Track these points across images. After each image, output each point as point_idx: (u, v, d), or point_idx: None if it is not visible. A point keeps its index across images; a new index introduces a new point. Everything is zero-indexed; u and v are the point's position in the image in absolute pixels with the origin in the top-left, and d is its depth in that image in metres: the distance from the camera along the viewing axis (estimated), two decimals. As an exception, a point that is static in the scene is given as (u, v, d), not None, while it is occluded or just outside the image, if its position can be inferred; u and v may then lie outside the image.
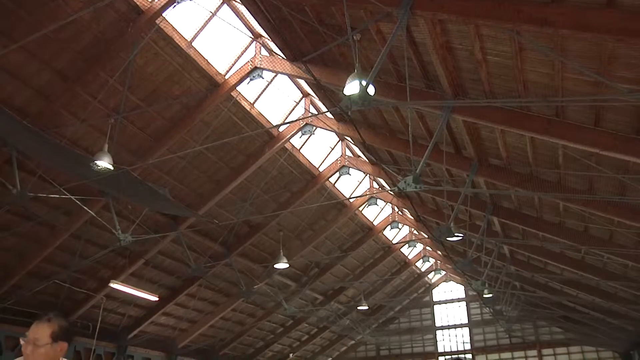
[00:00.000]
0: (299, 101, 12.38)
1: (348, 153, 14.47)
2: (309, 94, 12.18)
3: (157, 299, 13.94)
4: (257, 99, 11.45)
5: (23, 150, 8.81)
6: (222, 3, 9.32)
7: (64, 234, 11.26)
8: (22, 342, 3.01)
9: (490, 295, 16.84)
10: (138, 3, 8.23)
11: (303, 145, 13.51)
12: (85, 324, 13.76)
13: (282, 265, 13.80)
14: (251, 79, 10.23)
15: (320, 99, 11.45)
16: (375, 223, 17.99)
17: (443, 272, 24.70)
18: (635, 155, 6.44)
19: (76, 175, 9.24)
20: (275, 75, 11.15)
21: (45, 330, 3.06)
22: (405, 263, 21.82)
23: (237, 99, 10.75)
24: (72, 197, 9.69)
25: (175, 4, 8.27)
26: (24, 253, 11.35)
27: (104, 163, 7.95)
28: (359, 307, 19.58)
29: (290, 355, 23.02)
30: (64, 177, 9.79)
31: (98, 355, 14.50)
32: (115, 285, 12.39)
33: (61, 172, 9.72)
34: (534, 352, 23.21)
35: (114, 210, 10.49)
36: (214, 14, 9.35)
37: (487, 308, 20.78)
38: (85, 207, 10.23)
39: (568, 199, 9.00)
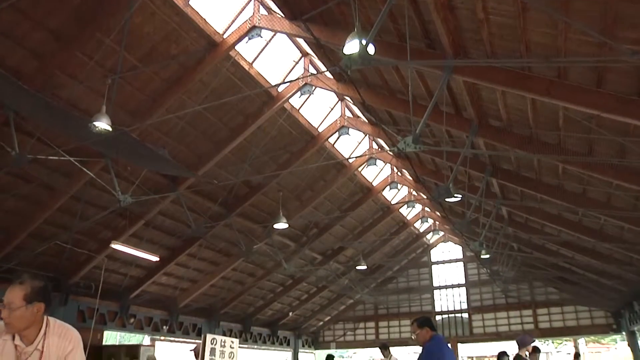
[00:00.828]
0: (298, 61, 12.24)
1: (347, 113, 14.38)
2: (308, 54, 12.02)
3: (157, 259, 14.07)
4: (255, 58, 11.31)
5: (20, 112, 8.74)
6: (220, -41, 9.12)
7: (64, 196, 11.29)
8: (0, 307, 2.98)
9: (487, 256, 17.01)
10: (133, -40, 8.03)
11: (302, 105, 13.43)
12: (88, 284, 13.95)
13: (281, 225, 13.89)
14: (250, 38, 10.06)
15: (319, 59, 11.31)
16: (374, 184, 18.03)
17: (441, 233, 24.87)
18: (637, 117, 6.40)
19: (75, 137, 9.20)
20: (274, 35, 10.97)
21: (18, 293, 3.03)
22: (404, 224, 21.96)
23: (236, 58, 10.61)
24: (71, 158, 9.67)
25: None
26: (25, 215, 11.41)
27: (102, 124, 7.89)
28: (358, 267, 19.79)
29: (290, 314, 23.40)
30: (62, 139, 9.74)
31: (101, 315, 14.75)
32: (116, 246, 12.49)
33: (60, 134, 9.67)
34: (529, 312, 23.58)
35: (113, 171, 10.49)
36: (211, -29, 9.15)
37: (484, 269, 21.04)
38: (84, 169, 10.21)
39: (567, 161, 9.00)
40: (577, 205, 10.87)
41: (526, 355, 8.64)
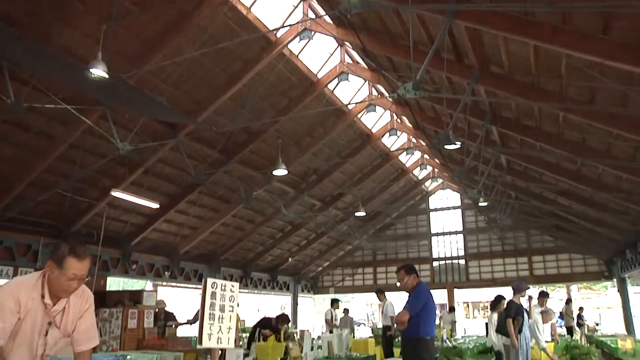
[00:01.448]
0: (297, 5, 11.95)
1: (347, 59, 14.17)
2: (307, -3, 11.75)
3: (157, 206, 14.15)
4: (253, 2, 11.03)
5: (14, 59, 8.58)
6: None
7: (63, 144, 11.23)
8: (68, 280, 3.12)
9: (485, 203, 17.12)
10: None
11: (301, 51, 13.20)
12: (90, 232, 14.09)
13: (280, 171, 13.88)
14: (247, -19, 9.81)
15: (319, 3, 11.06)
16: (373, 130, 17.94)
17: (440, 180, 24.98)
18: (641, 65, 6.31)
19: (71, 85, 9.08)
20: (272, -23, 10.69)
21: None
22: (403, 171, 22.00)
23: (233, 2, 10.35)
24: (67, 106, 9.57)
25: None
26: (24, 164, 11.39)
27: (99, 71, 7.76)
28: (357, 214, 19.92)
29: (290, 259, 23.76)
30: (59, 86, 9.60)
31: (104, 261, 14.98)
32: (116, 194, 12.54)
33: (56, 81, 9.53)
34: (524, 259, 23.97)
35: (112, 119, 10.39)
36: None
37: (482, 216, 21.22)
38: (82, 117, 10.13)
39: (568, 110, 8.92)
40: (577, 154, 10.86)
41: (520, 301, 8.80)
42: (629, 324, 20.49)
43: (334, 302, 14.97)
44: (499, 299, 9.92)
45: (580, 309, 19.60)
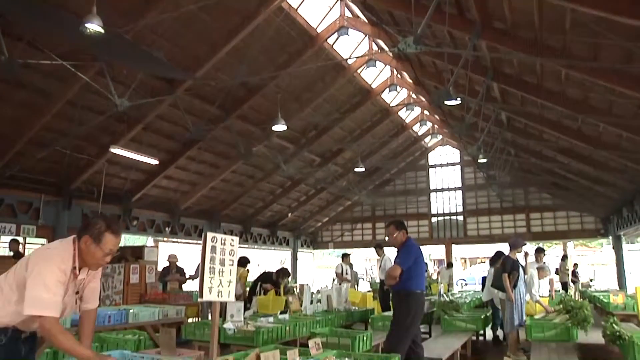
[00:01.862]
0: (297, -44, 11.66)
1: (347, 13, 13.92)
2: (306, -51, 11.44)
3: (157, 162, 14.15)
4: (251, -47, 10.77)
5: (6, 14, 8.38)
6: None
7: (60, 101, 11.14)
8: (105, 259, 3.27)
9: (484, 160, 17.12)
10: None
11: (300, 5, 12.94)
12: (90, 189, 14.14)
13: (280, 127, 13.81)
14: None
15: (318, -45, 10.76)
16: (373, 86, 17.77)
17: (439, 137, 24.89)
18: (648, 21, 6.17)
19: (66, 40, 8.91)
20: None
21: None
22: (403, 127, 21.92)
23: (230, -47, 10.10)
24: (64, 62, 9.43)
25: None
26: (22, 121, 11.32)
27: (94, 26, 7.60)
28: (356, 169, 19.95)
29: (289, 215, 23.92)
30: (54, 42, 9.44)
31: (105, 218, 15.08)
32: (115, 150, 12.51)
33: (51, 37, 9.35)
34: (522, 216, 24.15)
35: (109, 75, 10.26)
36: None
37: (481, 173, 21.25)
38: (78, 73, 10.00)
39: (571, 66, 8.80)
40: (578, 112, 10.78)
41: (516, 257, 8.89)
42: (622, 280, 20.88)
43: (345, 257, 15.16)
44: (499, 254, 10.03)
45: (575, 265, 19.89)
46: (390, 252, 13.99)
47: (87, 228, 3.18)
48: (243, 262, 11.59)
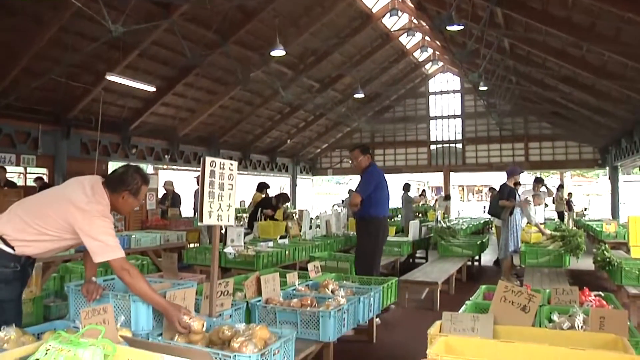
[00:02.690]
0: None
1: None
2: None
3: (154, 89, 13.97)
4: None
5: None
6: None
7: (53, 28, 10.82)
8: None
9: (485, 88, 16.96)
10: None
11: None
12: (88, 118, 14.05)
13: (278, 52, 13.54)
14: None
15: None
16: (373, 10, 17.27)
17: (440, 63, 24.51)
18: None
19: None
20: None
21: None
22: (403, 52, 21.53)
23: None
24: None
25: None
26: (14, 49, 11.04)
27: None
28: (355, 95, 19.78)
29: (288, 141, 23.92)
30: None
31: (104, 146, 15.07)
32: (111, 78, 12.31)
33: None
34: (521, 145, 24.18)
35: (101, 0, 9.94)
36: None
37: (481, 100, 21.09)
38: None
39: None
40: (583, 40, 10.56)
41: (514, 185, 9.00)
42: (615, 210, 21.22)
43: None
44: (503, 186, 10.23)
45: (569, 194, 20.11)
46: (389, 179, 14.14)
47: (126, 183, 3.34)
48: (262, 187, 11.92)
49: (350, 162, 27.42)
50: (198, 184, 8.47)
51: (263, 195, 11.89)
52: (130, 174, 3.36)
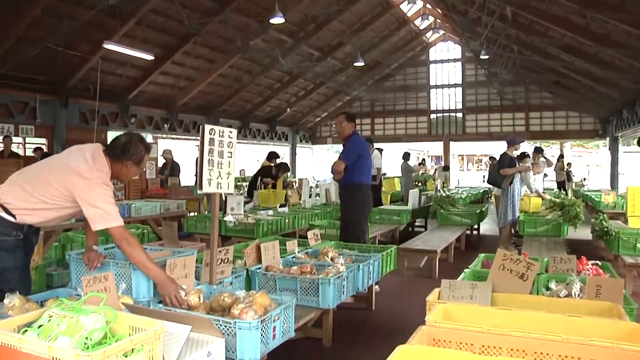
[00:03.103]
0: None
1: None
2: None
3: (152, 58, 13.82)
4: None
5: None
6: None
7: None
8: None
9: (486, 56, 16.80)
10: None
11: None
12: (86, 87, 13.94)
13: (277, 19, 13.36)
14: None
15: None
16: (375, -23, 17.03)
17: (441, 32, 24.20)
18: None
19: None
20: None
21: None
22: (404, 20, 21.26)
23: None
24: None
25: None
26: (8, 17, 10.79)
27: None
28: (355, 64, 19.60)
29: (288, 110, 23.80)
30: None
31: (103, 116, 15.00)
32: (109, 46, 12.15)
33: None
34: (521, 115, 24.06)
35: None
36: None
37: (482, 69, 20.92)
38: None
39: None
40: (587, 8, 10.41)
41: (513, 154, 8.98)
42: (614, 181, 21.25)
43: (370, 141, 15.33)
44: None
45: (569, 164, 20.10)
46: (389, 147, 14.12)
47: (129, 152, 3.34)
48: (272, 156, 12.00)
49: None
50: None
51: (272, 164, 11.96)
52: (134, 143, 3.35)
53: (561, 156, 19.23)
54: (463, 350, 2.36)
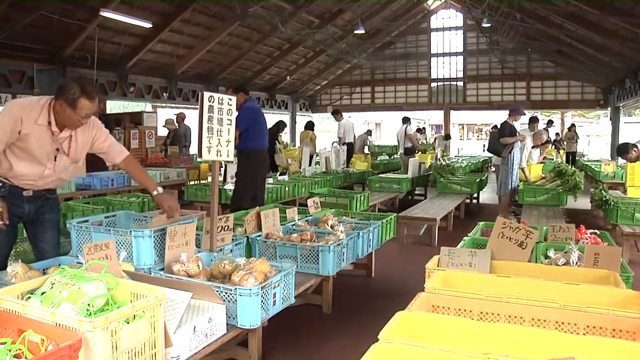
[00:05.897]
0: None
1: None
2: None
3: (150, 25, 13.61)
4: None
5: None
6: None
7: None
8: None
9: (489, 24, 16.60)
10: None
11: None
12: (84, 56, 13.74)
13: (277, -14, 13.18)
14: None
15: None
16: (376, -59, 16.68)
17: (443, -1, 23.91)
18: None
19: None
20: None
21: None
22: (406, -13, 20.95)
23: None
24: None
25: None
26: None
27: None
28: (356, 31, 19.35)
29: (288, 78, 23.61)
30: None
31: (101, 85, 14.86)
32: (106, 14, 11.94)
33: None
34: (523, 84, 23.86)
35: None
36: None
37: (484, 38, 20.68)
38: None
39: None
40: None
41: (513, 123, 8.94)
42: (614, 151, 21.16)
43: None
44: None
45: (566, 134, 20.06)
46: (390, 116, 14.06)
47: (62, 92, 3.17)
48: (310, 126, 12.76)
49: (348, 97, 27.27)
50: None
51: (310, 133, 12.24)
52: (68, 82, 3.19)
53: (572, 125, 19.19)
54: (462, 316, 2.39)
